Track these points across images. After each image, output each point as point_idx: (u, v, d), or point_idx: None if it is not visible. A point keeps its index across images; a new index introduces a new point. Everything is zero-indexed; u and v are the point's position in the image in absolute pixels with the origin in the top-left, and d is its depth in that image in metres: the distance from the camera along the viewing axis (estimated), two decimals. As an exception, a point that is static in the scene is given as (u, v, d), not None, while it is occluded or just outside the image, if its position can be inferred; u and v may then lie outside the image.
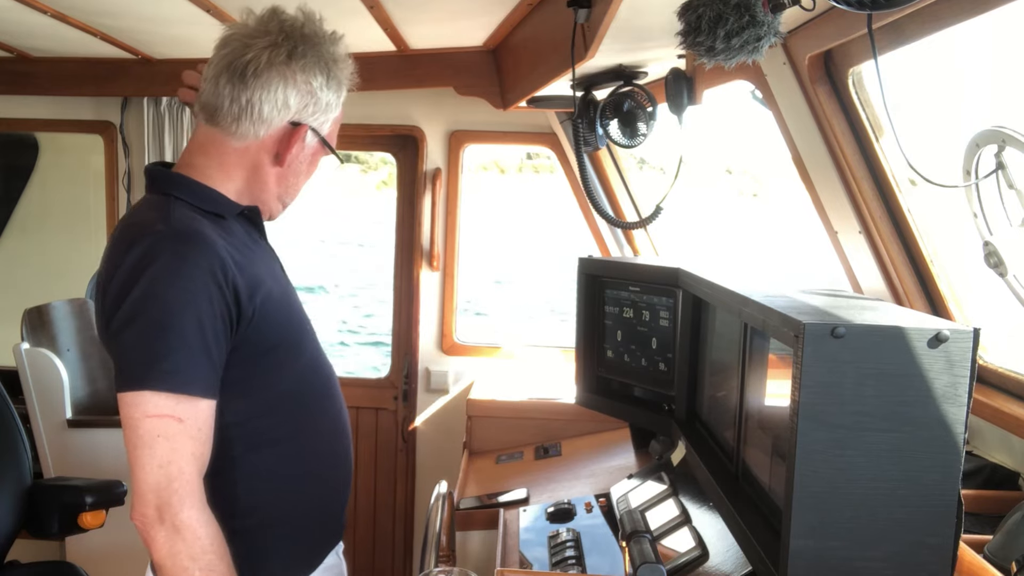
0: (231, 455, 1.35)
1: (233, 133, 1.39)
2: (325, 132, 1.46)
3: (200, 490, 1.25)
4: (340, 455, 1.53)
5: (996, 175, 1.46)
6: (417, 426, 3.59)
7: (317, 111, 1.42)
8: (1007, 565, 1.32)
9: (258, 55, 1.36)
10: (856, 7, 1.07)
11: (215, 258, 1.27)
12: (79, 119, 3.60)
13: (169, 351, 1.22)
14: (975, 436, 1.82)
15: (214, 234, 1.32)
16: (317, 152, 1.48)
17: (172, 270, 1.25)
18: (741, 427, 1.48)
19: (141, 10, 2.49)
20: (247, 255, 1.38)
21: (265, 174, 1.44)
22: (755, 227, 18.60)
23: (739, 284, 1.48)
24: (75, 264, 4.21)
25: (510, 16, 2.41)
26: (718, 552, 1.52)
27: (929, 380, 1.05)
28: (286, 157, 1.42)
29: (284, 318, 1.42)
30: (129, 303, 1.24)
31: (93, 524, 2.33)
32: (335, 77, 1.43)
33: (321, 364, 1.52)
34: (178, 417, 1.22)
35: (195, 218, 1.34)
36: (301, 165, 1.47)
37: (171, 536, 1.21)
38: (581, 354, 2.34)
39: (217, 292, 1.26)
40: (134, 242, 1.27)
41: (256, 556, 1.39)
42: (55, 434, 3.03)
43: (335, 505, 1.54)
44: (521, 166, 21.26)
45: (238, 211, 1.44)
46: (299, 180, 1.50)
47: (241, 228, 1.44)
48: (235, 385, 1.33)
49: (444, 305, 3.54)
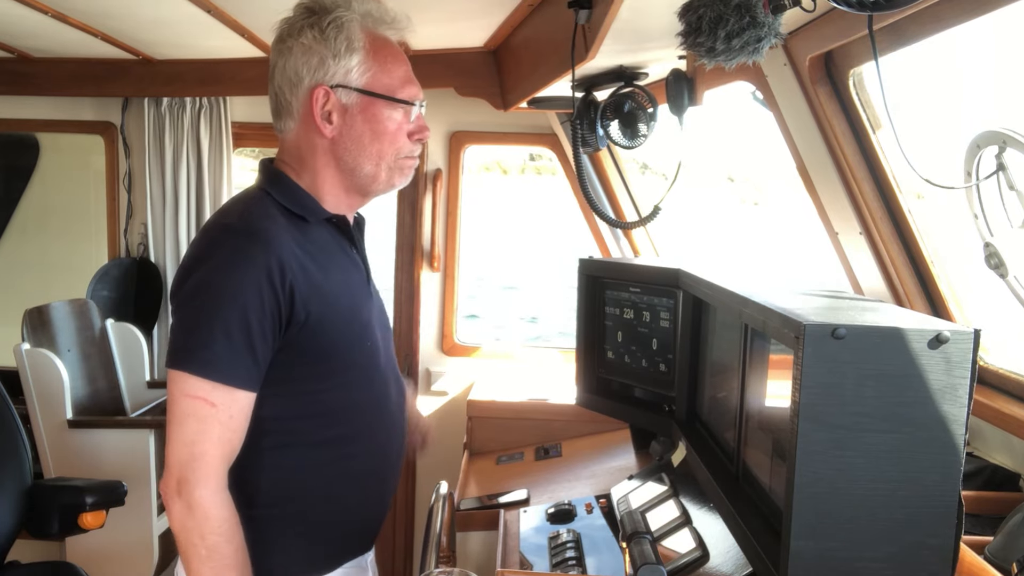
0: (261, 447, 1.38)
1: (285, 130, 1.46)
2: (360, 82, 1.40)
3: (220, 474, 1.30)
4: (375, 474, 1.51)
5: (997, 176, 1.46)
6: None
7: (324, 65, 1.38)
8: (1007, 566, 1.32)
9: (271, 58, 1.44)
10: (857, 8, 1.07)
11: (274, 257, 1.30)
12: (80, 119, 3.60)
13: (212, 340, 1.28)
14: (976, 437, 1.82)
15: (286, 235, 1.35)
16: (369, 105, 1.41)
17: (229, 262, 1.30)
18: (741, 428, 1.48)
19: (142, 11, 2.49)
20: (321, 262, 1.39)
21: (323, 152, 1.44)
22: (756, 234, 18.61)
23: (739, 285, 1.48)
24: (75, 264, 4.21)
25: (510, 17, 2.41)
26: (718, 553, 1.51)
27: (929, 381, 1.05)
28: (319, 124, 1.40)
29: (342, 330, 1.41)
30: (187, 287, 1.32)
31: (93, 524, 2.34)
32: (333, 24, 1.38)
33: (376, 382, 1.49)
34: (212, 402, 1.28)
35: (273, 216, 1.37)
36: (354, 125, 1.41)
37: (185, 511, 1.28)
38: (581, 355, 2.34)
39: (269, 290, 1.29)
40: (208, 231, 1.37)
41: (267, 546, 1.40)
42: (55, 434, 3.03)
43: (361, 518, 1.52)
44: (524, 167, 21.27)
45: (324, 217, 1.45)
46: (364, 139, 1.42)
47: (327, 234, 1.45)
48: (277, 384, 1.36)
49: (444, 306, 3.54)
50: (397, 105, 1.43)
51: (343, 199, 1.48)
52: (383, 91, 1.42)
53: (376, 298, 1.58)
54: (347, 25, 1.39)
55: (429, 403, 3.58)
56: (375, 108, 1.42)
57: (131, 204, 3.62)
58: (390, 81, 1.42)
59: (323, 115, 1.40)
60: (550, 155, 3.44)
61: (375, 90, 1.41)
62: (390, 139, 1.43)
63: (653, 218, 2.18)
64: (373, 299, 1.54)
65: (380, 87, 1.41)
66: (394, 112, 1.43)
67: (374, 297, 1.56)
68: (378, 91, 1.41)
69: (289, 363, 1.35)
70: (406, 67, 1.46)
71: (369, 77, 1.41)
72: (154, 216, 3.58)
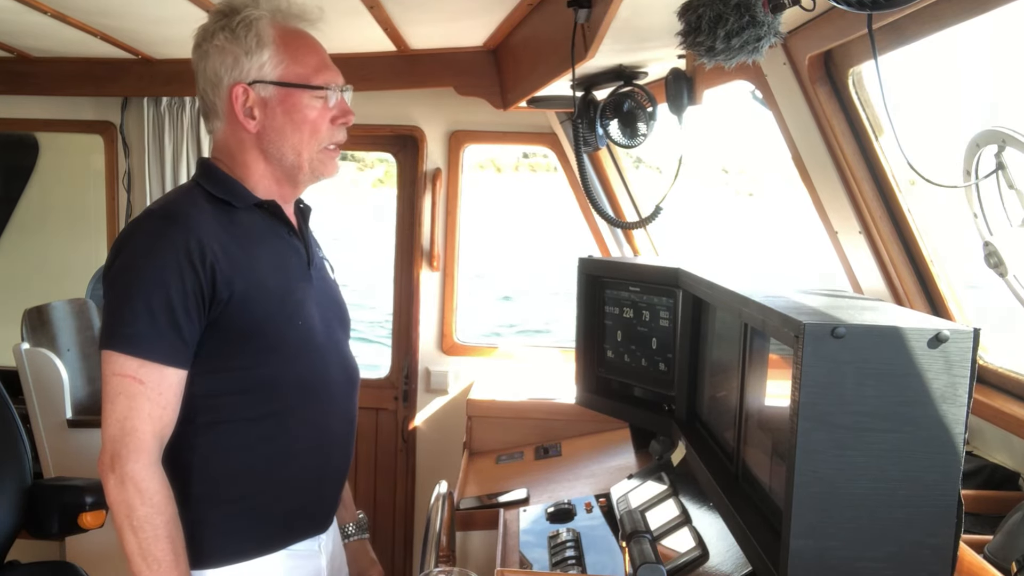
0: (195, 424, 1.43)
1: (215, 130, 1.53)
2: (274, 75, 1.45)
3: (152, 449, 1.35)
4: (314, 453, 1.53)
5: (996, 175, 1.46)
6: (417, 426, 3.59)
7: (238, 64, 1.45)
8: (1007, 565, 1.32)
9: (192, 63, 1.52)
10: (856, 7, 1.07)
11: (192, 238, 1.36)
12: (79, 119, 3.60)
13: (136, 319, 1.34)
14: (975, 436, 1.82)
15: (207, 218, 1.42)
16: (286, 96, 1.47)
17: (150, 245, 1.37)
18: (741, 427, 1.48)
19: (141, 10, 2.49)
20: (247, 244, 1.45)
21: (251, 146, 1.50)
22: (751, 226, 18.57)
23: (739, 284, 1.48)
24: (75, 264, 4.21)
25: (510, 16, 2.41)
26: (718, 552, 1.51)
27: (929, 380, 1.05)
28: (243, 120, 1.47)
29: (269, 309, 1.45)
30: (112, 272, 1.40)
31: (93, 524, 2.34)
32: (242, 23, 1.44)
33: (311, 359, 1.51)
34: (140, 379, 1.33)
35: (196, 203, 1.45)
36: (275, 118, 1.47)
37: (117, 485, 1.33)
38: (581, 354, 2.34)
39: (190, 269, 1.35)
40: (134, 219, 1.45)
41: (206, 527, 1.44)
42: (55, 434, 3.03)
43: (302, 498, 1.53)
44: (517, 165, 21.21)
45: (253, 202, 1.51)
46: (286, 131, 1.48)
47: (258, 219, 1.51)
48: (208, 361, 1.41)
49: (444, 305, 3.54)
50: (314, 92, 1.48)
51: (275, 189, 1.54)
52: (297, 80, 1.46)
53: (322, 283, 1.61)
54: (255, 22, 1.45)
55: (429, 403, 3.58)
56: (292, 99, 1.47)
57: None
58: (303, 70, 1.47)
59: (245, 112, 1.47)
60: (545, 152, 3.44)
61: (289, 80, 1.46)
62: (311, 127, 1.48)
63: (654, 218, 2.18)
64: (314, 282, 1.57)
65: (294, 77, 1.46)
66: (312, 100, 1.48)
67: (316, 281, 1.58)
68: (292, 81, 1.46)
69: (218, 340, 1.40)
70: (319, 56, 1.51)
71: (283, 69, 1.46)
72: (154, 216, 3.57)
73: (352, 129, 1.57)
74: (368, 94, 3.31)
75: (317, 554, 1.58)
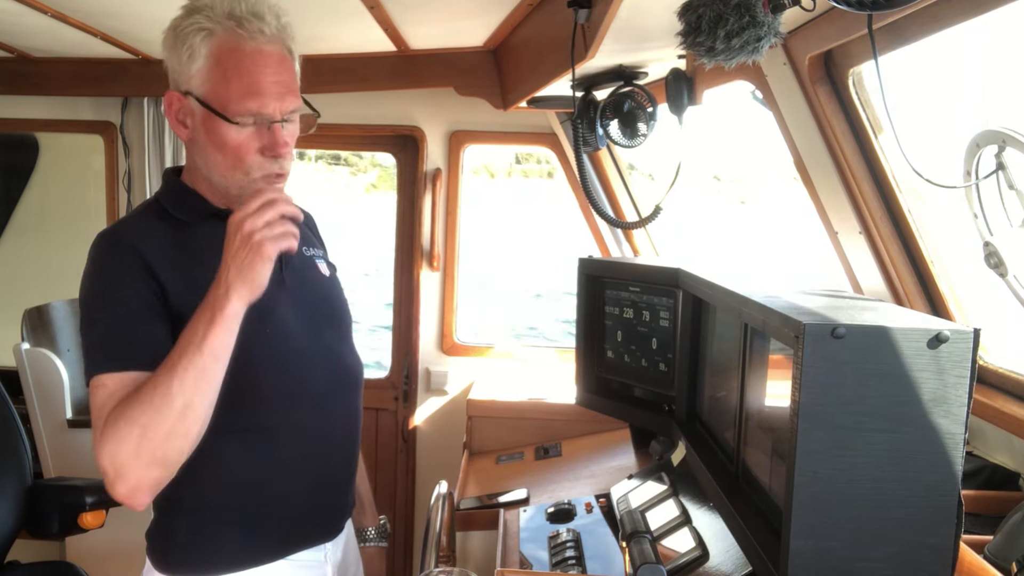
0: None
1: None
2: (200, 91, 1.35)
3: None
4: (305, 459, 1.48)
5: (996, 175, 1.46)
6: (417, 426, 3.59)
7: (174, 69, 1.38)
8: (1007, 566, 1.32)
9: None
10: (856, 8, 1.07)
11: (136, 256, 1.35)
12: (79, 119, 3.60)
13: (104, 342, 1.33)
14: (976, 437, 1.82)
15: (156, 234, 1.40)
16: (207, 118, 1.35)
17: (101, 267, 1.39)
18: (741, 427, 1.48)
19: (142, 10, 2.49)
20: (201, 257, 1.37)
21: (190, 155, 1.46)
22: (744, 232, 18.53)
23: (739, 284, 1.48)
24: (75, 264, 4.17)
25: (510, 16, 2.41)
26: (718, 552, 1.51)
27: (929, 380, 1.05)
28: (175, 127, 1.42)
29: None
30: (80, 299, 1.41)
31: (93, 524, 2.33)
32: (184, 28, 1.35)
33: (289, 364, 1.45)
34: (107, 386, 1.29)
35: (146, 220, 1.44)
36: (200, 135, 1.39)
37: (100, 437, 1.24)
38: (581, 354, 2.34)
39: (143, 283, 1.34)
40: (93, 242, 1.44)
41: (199, 535, 1.42)
42: (55, 434, 3.03)
43: (298, 508, 1.49)
44: (510, 170, 21.08)
45: (210, 212, 1.46)
46: (208, 150, 1.38)
47: (214, 229, 1.36)
48: None
49: (444, 305, 3.54)
50: (219, 121, 1.35)
51: (221, 199, 1.46)
52: (216, 105, 1.34)
53: (301, 284, 1.53)
54: (197, 32, 1.34)
55: (429, 403, 3.58)
56: (211, 121, 1.35)
57: (131, 204, 3.61)
58: (226, 94, 1.33)
59: (178, 119, 1.40)
60: (537, 157, 3.44)
61: (210, 103, 1.34)
62: (233, 154, 1.36)
63: (654, 218, 2.18)
64: (288, 285, 1.48)
65: (215, 100, 1.34)
66: (230, 128, 1.34)
67: (291, 284, 1.49)
68: (212, 104, 1.34)
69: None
70: (251, 79, 1.34)
71: (207, 88, 1.35)
72: (154, 216, 3.57)
73: (352, 129, 1.55)
74: (368, 94, 3.32)
75: (322, 563, 1.53)
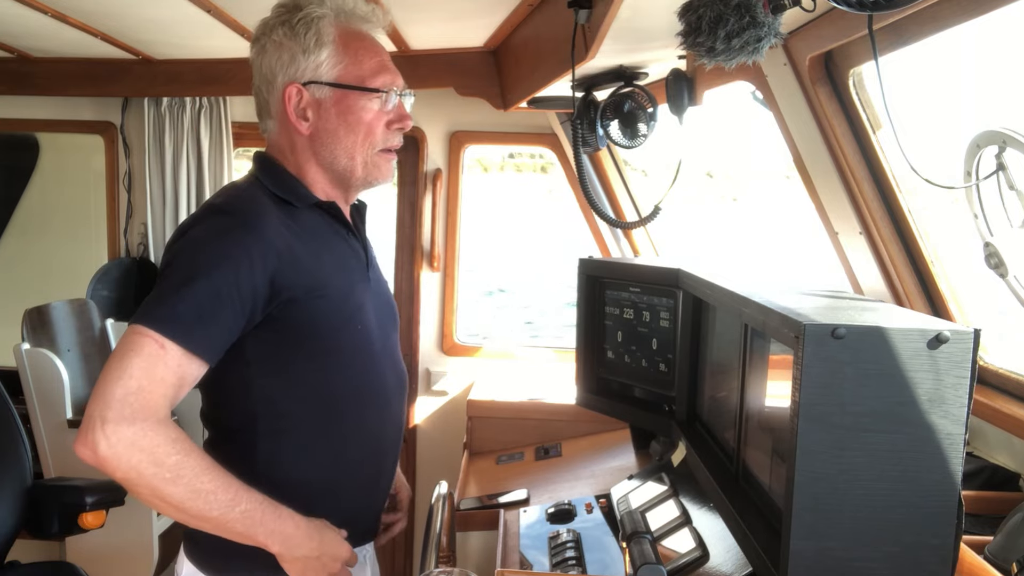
0: (256, 431, 1.39)
1: (269, 130, 1.50)
2: (331, 76, 1.42)
3: (164, 413, 1.23)
4: (368, 462, 1.50)
5: (997, 176, 1.46)
6: (417, 426, 3.59)
7: (295, 62, 1.42)
8: (1007, 566, 1.32)
9: (250, 58, 1.49)
10: (856, 8, 1.07)
11: (255, 236, 1.32)
12: (79, 119, 3.60)
13: (178, 301, 1.25)
14: (976, 437, 1.82)
15: (271, 216, 1.37)
16: (342, 98, 1.43)
17: (209, 239, 1.32)
18: (741, 428, 1.48)
19: (142, 11, 2.49)
20: (310, 244, 1.40)
21: (303, 148, 1.47)
22: (736, 230, 18.50)
23: (739, 285, 1.48)
24: (75, 264, 4.21)
25: (511, 17, 2.41)
26: (718, 553, 1.51)
27: (929, 381, 1.05)
28: (295, 122, 1.44)
29: (327, 311, 1.40)
30: (166, 261, 1.34)
31: (93, 524, 2.33)
32: (303, 21, 1.41)
33: (368, 366, 1.48)
34: (161, 345, 1.22)
35: (259, 200, 1.40)
36: (329, 120, 1.43)
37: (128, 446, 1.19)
38: (581, 355, 2.34)
39: (247, 268, 1.29)
40: (196, 213, 1.40)
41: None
42: (55, 434, 3.02)
43: (354, 507, 1.51)
44: (503, 164, 20.93)
45: (312, 202, 1.47)
46: (339, 133, 1.44)
47: (318, 219, 1.47)
48: (263, 362, 1.37)
49: (444, 305, 3.54)
50: (371, 95, 1.44)
51: (330, 191, 1.51)
52: (354, 82, 1.43)
53: (377, 285, 1.57)
54: (317, 21, 1.41)
55: (429, 403, 3.58)
56: (348, 100, 1.43)
57: (131, 204, 3.62)
58: (360, 72, 1.44)
59: (298, 113, 1.43)
60: (532, 152, 3.45)
61: (346, 82, 1.43)
62: (365, 130, 1.45)
63: (654, 218, 2.18)
64: (371, 284, 1.53)
65: (351, 78, 1.43)
66: (369, 102, 1.44)
67: (373, 283, 1.54)
68: (349, 82, 1.43)
69: (275, 342, 1.36)
70: (379, 57, 1.47)
71: (340, 70, 1.43)
72: (154, 216, 3.58)
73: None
74: (368, 94, 3.32)
75: (363, 565, 1.55)
